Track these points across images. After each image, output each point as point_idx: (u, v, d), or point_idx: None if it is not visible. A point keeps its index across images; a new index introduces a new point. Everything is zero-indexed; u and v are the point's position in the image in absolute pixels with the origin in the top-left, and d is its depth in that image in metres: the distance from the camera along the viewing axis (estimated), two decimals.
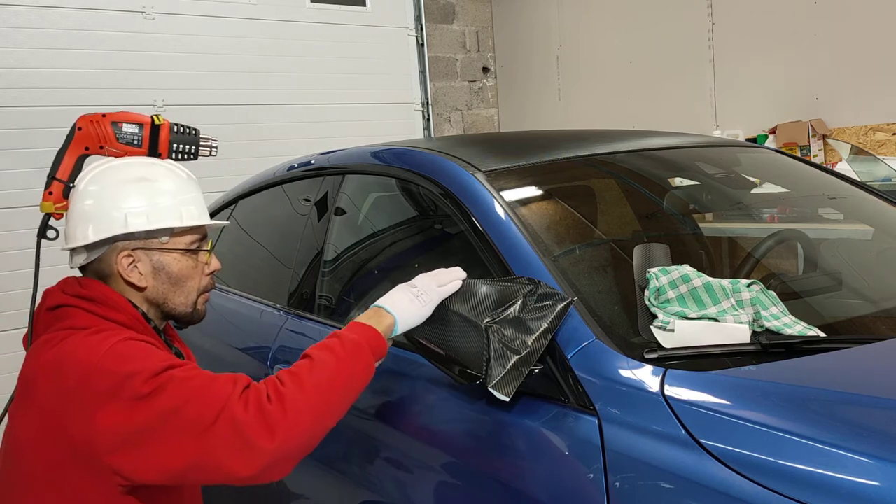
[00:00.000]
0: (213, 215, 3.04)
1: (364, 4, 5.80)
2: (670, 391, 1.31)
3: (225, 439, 1.28)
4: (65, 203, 1.54)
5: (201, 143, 1.59)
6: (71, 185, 1.54)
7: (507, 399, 1.42)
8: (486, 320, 1.45)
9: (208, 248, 1.59)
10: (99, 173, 1.53)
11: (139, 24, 4.87)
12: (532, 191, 2.01)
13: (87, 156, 1.57)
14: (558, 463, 1.38)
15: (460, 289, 1.53)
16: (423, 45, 6.11)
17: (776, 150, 2.65)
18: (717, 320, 1.52)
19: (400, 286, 1.54)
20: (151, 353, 1.38)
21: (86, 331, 1.42)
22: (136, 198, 1.49)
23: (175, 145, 1.56)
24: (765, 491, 1.11)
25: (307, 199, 2.52)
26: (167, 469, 1.31)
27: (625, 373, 1.38)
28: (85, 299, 1.48)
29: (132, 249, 1.50)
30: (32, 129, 4.50)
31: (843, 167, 3.82)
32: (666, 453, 1.24)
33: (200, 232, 1.57)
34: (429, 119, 6.16)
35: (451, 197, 1.87)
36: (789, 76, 4.52)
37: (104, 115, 1.55)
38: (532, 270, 1.60)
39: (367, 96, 5.76)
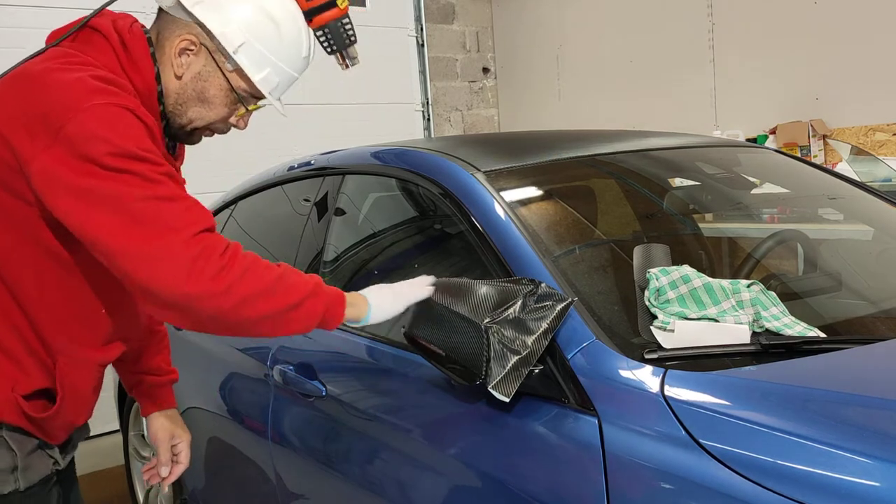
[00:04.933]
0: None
1: (364, 5, 5.79)
2: (670, 391, 1.31)
3: (146, 258, 1.22)
4: None
5: (345, 52, 1.51)
6: None
7: (507, 399, 1.42)
8: (486, 320, 1.45)
9: (250, 107, 1.49)
10: None
11: None
12: (532, 191, 2.01)
13: None
14: (558, 463, 1.39)
15: (460, 289, 1.53)
16: (423, 45, 6.11)
17: (776, 151, 2.65)
18: (717, 321, 1.52)
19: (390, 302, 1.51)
20: (140, 137, 1.27)
21: (95, 71, 1.30)
22: (250, 17, 1.40)
23: (326, 30, 1.47)
24: (765, 491, 1.11)
25: (307, 200, 2.52)
26: (80, 231, 1.24)
27: (625, 373, 1.38)
28: (121, 42, 1.37)
29: (200, 43, 1.40)
30: None
31: (843, 167, 3.83)
32: (666, 454, 1.24)
33: (258, 93, 1.48)
34: (429, 119, 6.16)
35: (451, 197, 1.87)
36: (789, 76, 4.51)
37: None
38: (532, 271, 1.60)
39: (367, 96, 5.75)
